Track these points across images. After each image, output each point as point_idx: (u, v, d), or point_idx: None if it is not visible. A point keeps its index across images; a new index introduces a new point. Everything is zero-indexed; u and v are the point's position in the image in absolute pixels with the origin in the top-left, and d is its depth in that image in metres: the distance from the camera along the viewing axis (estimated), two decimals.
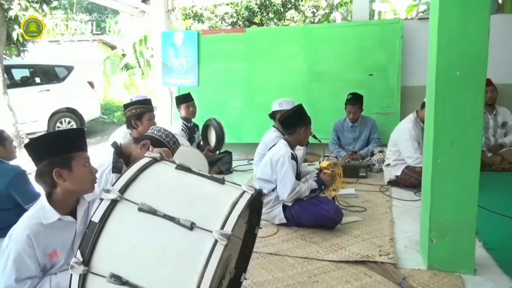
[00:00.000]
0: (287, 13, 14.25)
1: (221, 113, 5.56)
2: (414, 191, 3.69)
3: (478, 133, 2.25)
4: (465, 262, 2.26)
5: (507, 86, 4.80)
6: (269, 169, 2.93)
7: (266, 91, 5.45)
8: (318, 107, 5.27)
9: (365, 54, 5.18)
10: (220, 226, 1.17)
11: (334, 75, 5.33)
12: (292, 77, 5.46)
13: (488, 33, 2.12)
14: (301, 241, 2.75)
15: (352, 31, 5.28)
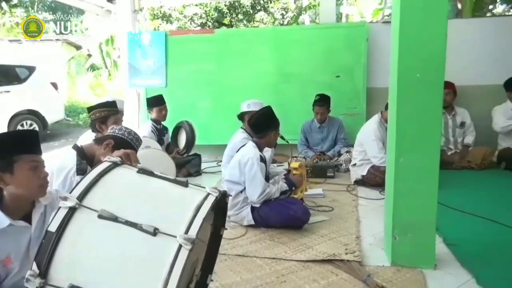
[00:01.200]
0: (257, 14, 14.31)
1: (190, 114, 5.52)
2: (379, 190, 3.79)
3: (438, 133, 2.33)
4: (426, 258, 2.33)
5: (465, 88, 5.01)
6: (238, 171, 2.93)
7: (235, 92, 5.44)
8: (287, 108, 5.30)
9: (333, 56, 5.27)
10: (185, 231, 1.15)
11: (302, 76, 5.40)
12: (261, 79, 5.48)
13: (446, 37, 2.20)
14: (269, 241, 2.76)
15: (319, 34, 5.37)
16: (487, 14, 9.16)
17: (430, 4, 2.17)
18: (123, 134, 2.27)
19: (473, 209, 3.17)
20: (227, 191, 1.41)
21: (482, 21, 5.86)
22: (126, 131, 2.29)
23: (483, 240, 2.69)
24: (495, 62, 5.09)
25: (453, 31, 4.65)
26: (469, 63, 5.09)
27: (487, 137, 4.88)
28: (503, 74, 5.02)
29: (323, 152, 4.95)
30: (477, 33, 5.15)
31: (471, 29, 5.19)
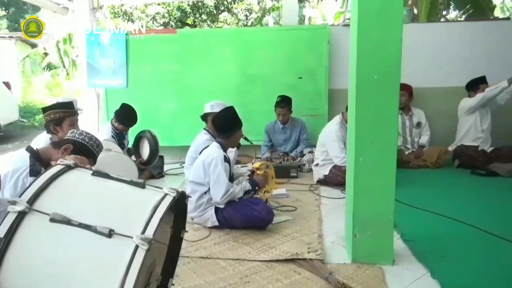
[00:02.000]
0: (220, 15, 14.27)
1: (152, 115, 5.43)
2: (341, 189, 3.87)
3: (395, 133, 2.41)
4: (385, 254, 2.41)
5: (421, 90, 5.23)
6: (202, 172, 2.91)
7: (199, 93, 5.40)
8: (251, 109, 5.33)
9: (295, 58, 5.34)
10: (141, 231, 1.13)
11: (266, 77, 5.43)
12: (225, 79, 5.46)
13: (402, 41, 2.28)
14: (233, 242, 2.76)
15: (282, 35, 5.42)
16: (441, 19, 9.59)
17: (386, 9, 2.24)
18: (83, 139, 2.19)
19: (429, 205, 3.31)
20: (185, 192, 1.39)
21: (436, 25, 6.12)
22: (87, 136, 2.21)
23: (437, 235, 2.81)
24: (449, 65, 5.35)
25: (409, 35, 4.86)
26: (424, 66, 5.32)
27: (441, 137, 5.13)
28: (456, 76, 5.31)
29: (287, 152, 5.01)
30: (432, 37, 5.38)
31: (426, 33, 5.41)
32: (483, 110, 4.84)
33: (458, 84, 5.26)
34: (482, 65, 5.26)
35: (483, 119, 4.84)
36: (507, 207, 3.42)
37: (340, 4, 12.40)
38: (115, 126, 4.41)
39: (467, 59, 5.31)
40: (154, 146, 4.46)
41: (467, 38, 5.34)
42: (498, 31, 5.33)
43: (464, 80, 5.17)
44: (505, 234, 2.70)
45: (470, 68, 5.27)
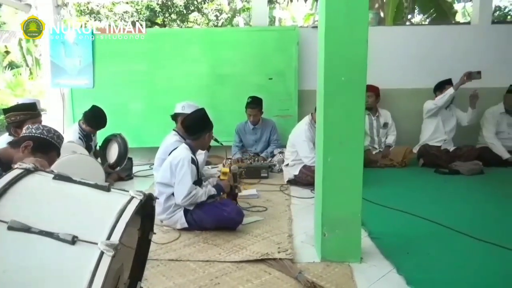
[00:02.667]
0: (190, 15, 14.14)
1: (120, 116, 5.32)
2: (310, 188, 3.91)
3: (361, 134, 2.47)
4: (353, 252, 2.46)
5: (388, 91, 5.37)
6: (169, 173, 2.88)
7: (168, 93, 5.33)
8: (221, 109, 5.31)
9: (265, 59, 5.37)
10: (106, 236, 1.10)
11: (236, 78, 5.43)
12: (195, 80, 5.42)
13: (367, 43, 2.33)
14: (203, 244, 2.74)
15: (252, 36, 5.44)
16: (407, 23, 9.89)
17: (352, 12, 2.29)
18: (41, 133, 2.10)
19: (395, 204, 3.41)
20: (153, 194, 1.37)
21: (402, 29, 6.32)
22: (45, 129, 2.11)
23: (403, 232, 2.90)
24: (414, 67, 5.52)
25: (376, 38, 4.98)
26: (391, 68, 5.46)
27: (407, 137, 5.28)
28: (421, 78, 5.50)
29: (257, 153, 5.02)
30: (397, 40, 5.55)
31: (392, 36, 5.57)
32: (447, 113, 5.02)
33: (423, 85, 5.46)
34: (445, 67, 5.46)
35: (447, 121, 5.03)
36: (468, 204, 3.57)
37: (309, 6, 12.56)
38: (82, 128, 4.29)
39: (430, 61, 5.51)
40: (123, 150, 4.37)
41: (430, 41, 5.53)
42: (460, 35, 5.56)
43: (428, 81, 5.36)
44: (466, 230, 2.81)
45: (434, 70, 5.47)
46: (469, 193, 3.89)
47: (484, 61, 5.48)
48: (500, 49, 5.50)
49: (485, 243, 2.63)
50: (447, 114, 5.01)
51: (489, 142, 5.00)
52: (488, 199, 3.67)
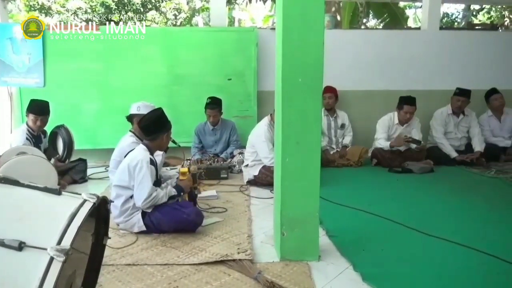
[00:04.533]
0: (148, 13, 13.84)
1: (74, 116, 5.13)
2: (270, 189, 3.94)
3: (318, 134, 2.52)
4: (311, 250, 2.50)
5: (345, 92, 5.53)
6: (127, 175, 2.80)
7: (124, 93, 5.19)
8: (180, 110, 5.26)
9: (224, 59, 5.37)
10: (57, 241, 1.06)
11: (195, 78, 5.39)
12: (152, 80, 5.33)
13: (323, 45, 2.39)
14: (161, 247, 2.69)
15: (211, 36, 5.41)
16: (362, 26, 10.24)
17: (308, 14, 2.33)
18: None
19: (351, 202, 3.52)
20: (107, 197, 1.34)
21: (357, 32, 6.54)
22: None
23: (359, 229, 3.00)
24: (368, 69, 5.73)
25: (332, 40, 5.14)
26: (347, 70, 5.64)
27: (363, 137, 5.47)
28: (375, 80, 5.71)
29: (217, 154, 5.01)
30: (353, 43, 5.73)
31: (348, 39, 5.75)
32: (405, 129, 5.19)
33: (376, 87, 5.70)
34: (397, 70, 5.73)
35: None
36: (419, 201, 3.74)
37: (268, 8, 12.69)
38: (30, 127, 4.09)
39: (383, 64, 5.74)
40: (68, 139, 4.18)
41: (383, 45, 5.76)
42: (411, 39, 5.83)
43: (381, 83, 5.62)
44: (417, 226, 2.96)
45: (386, 73, 5.71)
46: (420, 191, 4.08)
47: (432, 64, 5.79)
48: (447, 54, 5.82)
49: (435, 238, 2.78)
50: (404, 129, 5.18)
51: (438, 142, 5.28)
52: (437, 196, 3.87)
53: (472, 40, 5.90)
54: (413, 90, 5.45)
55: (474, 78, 5.77)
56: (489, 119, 5.55)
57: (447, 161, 5.13)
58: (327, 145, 5.32)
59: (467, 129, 5.41)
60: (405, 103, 5.01)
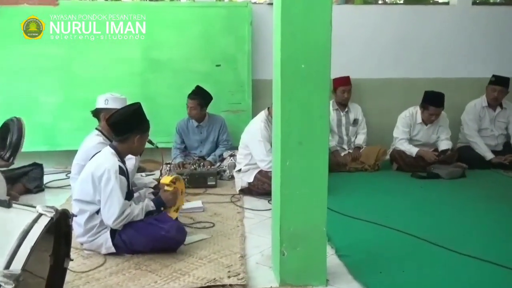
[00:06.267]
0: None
1: (27, 112, 5.07)
2: (267, 199, 3.94)
3: (326, 132, 2.54)
4: (317, 273, 2.51)
5: (357, 81, 5.54)
6: (90, 187, 2.79)
7: (89, 83, 5.18)
8: (157, 103, 5.26)
9: (212, 41, 5.37)
10: (5, 265, 1.06)
11: (176, 64, 5.39)
12: (123, 66, 5.31)
13: (331, 24, 2.40)
14: (135, 271, 2.69)
15: (196, 13, 5.41)
16: (379, 1, 10.27)
17: None
18: None
19: (366, 214, 3.54)
20: (68, 210, 1.34)
21: (373, 8, 6.58)
22: None
23: (375, 247, 3.01)
24: (387, 53, 5.74)
25: (342, 18, 5.16)
26: (360, 54, 5.66)
27: (380, 135, 5.49)
28: (396, 66, 5.74)
29: (203, 157, 5.01)
30: (368, 22, 5.74)
31: (362, 16, 5.76)
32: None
33: (397, 75, 5.71)
34: (420, 54, 5.76)
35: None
36: (448, 212, 3.77)
37: None
38: None
39: (405, 47, 5.76)
40: (16, 133, 4.12)
41: (406, 23, 5.78)
42: (437, 17, 5.86)
43: (403, 70, 5.62)
44: (446, 242, 2.98)
45: (409, 57, 5.73)
46: (448, 200, 4.11)
47: (463, 47, 5.82)
48: (481, 34, 5.86)
49: (466, 256, 2.80)
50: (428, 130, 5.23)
51: (471, 141, 5.31)
52: (469, 206, 3.90)
53: (510, 17, 5.92)
54: (439, 78, 5.49)
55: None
56: None
57: (481, 164, 5.17)
58: (337, 145, 5.33)
59: (505, 125, 5.46)
60: (430, 103, 5.03)
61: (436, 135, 5.19)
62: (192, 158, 4.95)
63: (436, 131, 5.19)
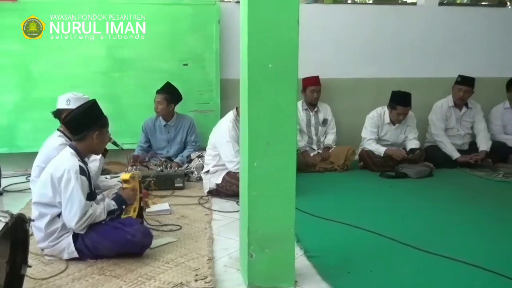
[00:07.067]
0: None
1: None
2: (236, 200, 3.94)
3: (294, 132, 2.54)
4: (286, 275, 2.52)
5: (326, 81, 5.60)
6: (50, 189, 2.72)
7: (50, 82, 5.09)
8: (123, 103, 5.23)
9: (179, 40, 5.36)
10: None
11: (142, 63, 5.35)
12: (87, 65, 5.25)
13: (298, 23, 2.41)
14: (98, 276, 2.64)
15: (162, 11, 5.37)
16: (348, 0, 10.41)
17: None
18: None
19: (336, 214, 3.57)
20: (24, 215, 1.31)
21: (342, 7, 6.64)
22: None
23: (344, 248, 3.05)
24: (357, 54, 5.84)
25: (311, 17, 5.22)
26: (330, 54, 5.74)
27: (350, 135, 5.58)
28: (364, 67, 5.83)
29: (170, 158, 4.97)
30: (336, 21, 5.82)
31: (331, 16, 5.84)
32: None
33: (366, 75, 5.80)
34: (390, 53, 5.88)
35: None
36: (416, 211, 3.86)
37: None
38: None
39: (374, 47, 5.88)
40: None
41: (374, 23, 5.89)
42: (406, 17, 6.00)
43: (372, 70, 5.71)
44: (414, 241, 3.03)
45: (378, 57, 5.85)
46: (417, 199, 4.21)
47: (430, 47, 5.97)
48: (447, 35, 6.02)
49: (434, 255, 2.85)
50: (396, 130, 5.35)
51: (438, 140, 5.45)
52: (437, 205, 4.00)
53: (478, 18, 6.13)
54: (408, 78, 5.62)
55: (479, 64, 6.00)
56: (504, 111, 5.79)
57: (448, 163, 5.32)
58: (307, 145, 5.39)
59: (471, 124, 5.63)
60: (398, 102, 5.14)
61: (404, 135, 5.31)
62: (159, 159, 4.91)
63: (404, 131, 5.31)
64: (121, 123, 4.95)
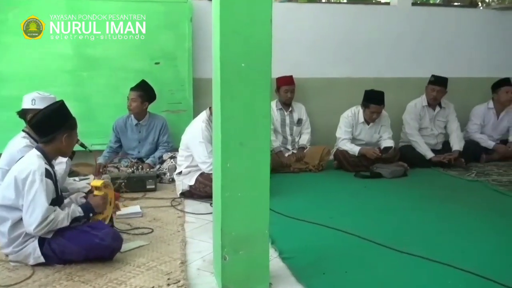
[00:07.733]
0: None
1: None
2: (209, 202, 3.91)
3: (267, 132, 2.54)
4: (260, 277, 2.53)
5: (301, 81, 5.64)
6: (13, 191, 2.66)
7: (15, 82, 4.96)
8: (92, 103, 5.15)
9: (150, 38, 5.27)
10: None
11: (112, 62, 5.26)
12: (54, 63, 5.12)
13: (271, 22, 2.41)
14: (66, 282, 2.60)
15: (133, 8, 5.28)
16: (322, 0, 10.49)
17: None
18: None
19: (311, 215, 3.60)
20: None
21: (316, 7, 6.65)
22: None
23: (318, 249, 3.07)
24: (331, 53, 5.90)
25: (284, 16, 5.24)
26: (303, 53, 5.77)
27: (324, 135, 5.63)
28: (339, 66, 5.89)
29: (141, 158, 4.92)
30: (310, 20, 5.86)
31: (304, 15, 5.87)
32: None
33: (340, 74, 5.86)
34: (364, 53, 5.95)
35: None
36: (391, 211, 3.91)
37: None
38: None
39: (348, 46, 5.94)
40: None
41: (347, 23, 5.96)
42: (379, 16, 6.08)
43: (346, 69, 5.77)
44: (388, 241, 3.08)
45: (352, 57, 5.91)
46: (391, 199, 4.27)
47: (404, 47, 6.08)
48: (420, 34, 6.13)
49: (409, 255, 2.90)
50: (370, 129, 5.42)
51: (412, 140, 5.55)
52: (411, 205, 4.07)
53: (449, 18, 6.28)
54: (382, 78, 5.70)
55: (452, 64, 6.14)
56: (487, 111, 5.94)
57: (422, 163, 5.43)
58: (281, 145, 5.41)
59: (444, 124, 5.74)
60: (371, 101, 5.22)
61: (379, 135, 5.38)
62: (130, 161, 4.84)
63: (378, 131, 5.38)
64: (90, 123, 4.87)
